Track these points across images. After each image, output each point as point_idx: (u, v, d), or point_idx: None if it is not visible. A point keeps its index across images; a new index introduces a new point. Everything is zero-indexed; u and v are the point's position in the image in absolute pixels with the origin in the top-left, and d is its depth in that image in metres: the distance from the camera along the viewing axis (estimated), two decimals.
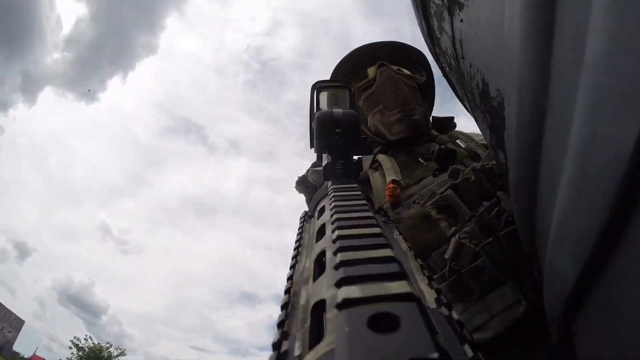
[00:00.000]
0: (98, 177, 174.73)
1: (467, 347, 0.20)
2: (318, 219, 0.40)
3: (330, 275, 0.23)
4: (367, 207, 0.33)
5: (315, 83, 0.63)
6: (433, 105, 1.26)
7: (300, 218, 0.47)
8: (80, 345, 29.25)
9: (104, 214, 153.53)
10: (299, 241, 0.39)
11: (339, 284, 0.21)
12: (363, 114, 1.12)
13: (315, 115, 0.55)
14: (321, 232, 0.34)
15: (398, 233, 0.42)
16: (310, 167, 1.12)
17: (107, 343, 30.68)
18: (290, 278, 0.30)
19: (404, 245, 0.38)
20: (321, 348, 0.18)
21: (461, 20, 0.47)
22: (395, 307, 0.18)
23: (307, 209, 0.52)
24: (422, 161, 0.98)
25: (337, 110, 0.54)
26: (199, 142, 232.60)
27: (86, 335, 29.61)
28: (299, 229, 0.43)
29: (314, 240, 0.34)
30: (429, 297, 0.26)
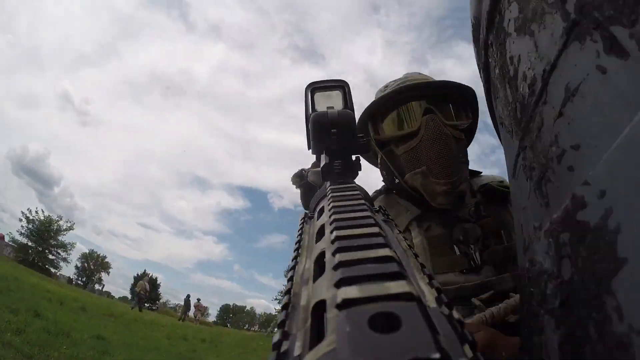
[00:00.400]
0: (67, 43, 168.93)
1: (467, 347, 0.20)
2: (317, 219, 0.40)
3: (329, 276, 0.24)
4: (365, 207, 0.33)
5: (310, 84, 0.63)
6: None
7: (300, 219, 0.47)
8: (31, 217, 32.30)
9: (67, 82, 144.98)
10: (299, 242, 0.39)
11: (339, 284, 0.21)
12: (400, 168, 1.11)
13: (311, 117, 0.55)
14: (321, 233, 0.34)
15: (398, 232, 0.43)
16: (310, 167, 1.18)
17: (58, 216, 33.57)
18: (290, 279, 0.31)
19: (404, 244, 0.38)
20: (322, 348, 0.18)
21: None
22: (395, 306, 0.18)
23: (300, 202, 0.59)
24: (456, 249, 1.00)
25: (332, 111, 0.54)
26: (180, 20, 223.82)
27: (37, 208, 32.43)
28: (298, 230, 0.43)
29: (314, 241, 0.35)
30: (429, 296, 0.26)
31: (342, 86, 0.62)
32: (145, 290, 23.18)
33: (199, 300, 28.25)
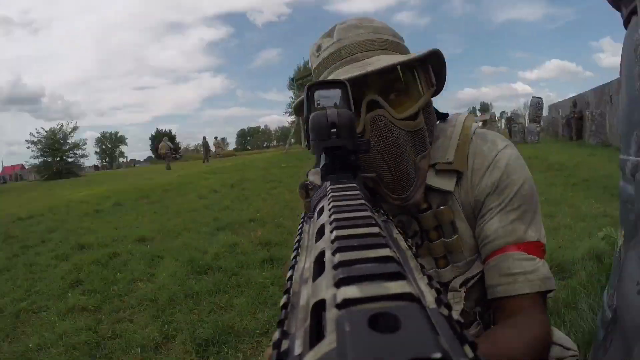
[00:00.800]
0: None
1: (467, 348, 0.20)
2: (317, 219, 0.40)
3: (329, 275, 0.24)
4: (365, 207, 0.34)
5: (309, 84, 0.62)
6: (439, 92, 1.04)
7: (300, 219, 0.49)
8: (35, 139, 32.65)
9: None
10: (298, 242, 0.40)
11: (339, 284, 0.21)
12: None
13: (310, 116, 0.55)
14: (320, 232, 0.34)
15: (397, 232, 0.43)
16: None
17: (58, 124, 34.15)
18: (290, 278, 0.32)
19: (404, 244, 0.39)
20: (322, 347, 0.19)
21: None
22: (395, 306, 0.18)
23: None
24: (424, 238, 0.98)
25: (332, 111, 0.54)
26: None
27: (36, 128, 32.80)
28: (298, 230, 0.45)
29: (314, 241, 0.35)
30: (429, 296, 0.26)
31: (341, 86, 0.62)
32: (169, 147, 24.38)
33: (216, 138, 30.66)
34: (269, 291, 3.48)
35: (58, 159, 34.77)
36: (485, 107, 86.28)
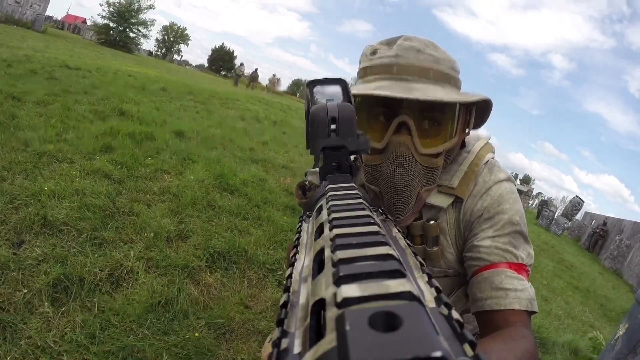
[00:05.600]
0: None
1: (467, 347, 0.20)
2: (316, 218, 0.40)
3: (328, 274, 0.24)
4: (364, 206, 0.34)
5: (310, 81, 0.62)
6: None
7: (299, 218, 0.49)
8: (111, 1, 33.00)
9: None
10: (297, 240, 0.40)
11: (338, 282, 0.21)
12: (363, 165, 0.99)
13: (310, 110, 0.55)
14: (320, 231, 0.35)
15: (397, 230, 0.44)
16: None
17: None
18: (289, 276, 0.32)
19: (403, 243, 0.39)
20: (322, 346, 0.19)
21: None
22: (395, 305, 0.18)
23: None
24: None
25: (332, 104, 0.54)
26: None
27: None
28: (297, 229, 0.44)
29: (313, 240, 0.36)
30: (428, 295, 0.26)
31: (341, 83, 0.62)
32: (241, 72, 29.53)
33: (274, 75, 33.31)
34: (286, 234, 3.52)
35: (122, 28, 35.38)
36: (527, 180, 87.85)
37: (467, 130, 0.98)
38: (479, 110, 1.01)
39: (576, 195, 20.65)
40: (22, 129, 4.01)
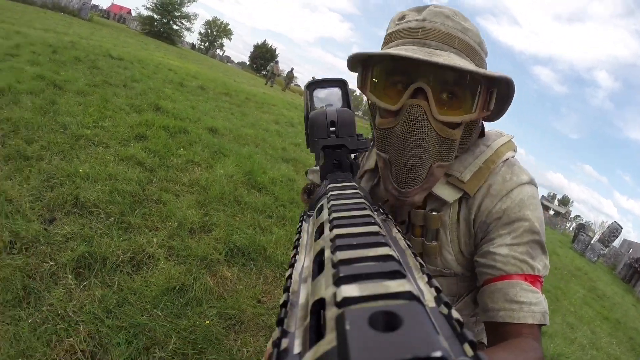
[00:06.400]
0: None
1: (466, 347, 0.20)
2: (317, 218, 0.40)
3: (329, 274, 0.24)
4: (364, 206, 0.35)
5: (309, 83, 0.62)
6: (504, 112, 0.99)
7: (299, 217, 0.48)
8: None
9: None
10: (297, 240, 0.40)
11: (338, 282, 0.22)
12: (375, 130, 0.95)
13: (310, 115, 0.57)
14: (320, 231, 0.35)
15: (397, 231, 0.43)
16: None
17: None
18: (289, 277, 0.32)
19: (403, 243, 0.39)
20: (322, 346, 0.19)
21: None
22: (395, 305, 0.19)
23: None
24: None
25: (331, 109, 0.55)
26: None
27: None
28: (297, 229, 0.44)
29: (313, 240, 0.36)
30: (428, 295, 0.26)
31: (341, 84, 0.63)
32: (274, 69, 28.36)
33: (313, 78, 31.91)
34: None
35: (165, 20, 36.59)
36: (565, 201, 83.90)
37: (487, 111, 0.91)
38: (499, 97, 0.94)
39: (615, 221, 19.90)
40: (61, 114, 4.20)
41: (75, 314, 1.89)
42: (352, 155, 0.59)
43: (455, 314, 0.23)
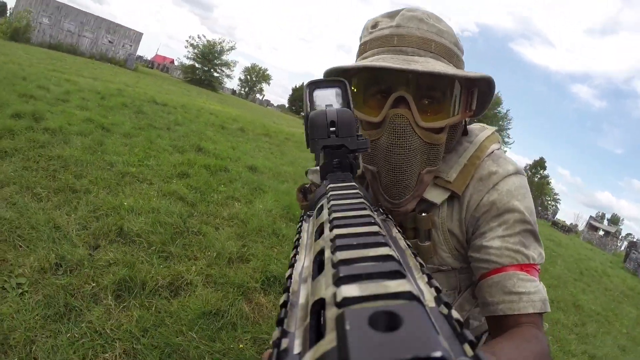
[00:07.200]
0: None
1: (466, 347, 0.20)
2: (317, 218, 0.41)
3: (329, 274, 0.24)
4: (365, 206, 0.35)
5: (309, 82, 0.63)
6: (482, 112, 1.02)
7: (299, 217, 0.49)
8: (195, 43, 35.54)
9: None
10: (297, 240, 0.41)
11: (338, 282, 0.22)
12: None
13: (309, 115, 0.56)
14: (320, 231, 0.35)
15: (397, 231, 0.44)
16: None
17: (220, 39, 37.39)
18: (289, 277, 0.32)
19: (403, 243, 0.39)
20: (322, 346, 0.19)
21: None
22: (395, 305, 0.19)
23: None
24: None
25: (331, 109, 0.56)
26: None
27: (198, 34, 36.25)
28: (297, 229, 0.45)
29: (313, 240, 0.36)
30: (428, 295, 0.26)
31: (341, 84, 0.63)
32: None
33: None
34: None
35: (206, 69, 38.63)
36: (615, 220, 79.87)
37: (469, 112, 0.94)
38: (480, 95, 0.97)
39: None
40: (108, 153, 4.43)
41: (113, 331, 1.96)
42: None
43: (455, 314, 0.24)
